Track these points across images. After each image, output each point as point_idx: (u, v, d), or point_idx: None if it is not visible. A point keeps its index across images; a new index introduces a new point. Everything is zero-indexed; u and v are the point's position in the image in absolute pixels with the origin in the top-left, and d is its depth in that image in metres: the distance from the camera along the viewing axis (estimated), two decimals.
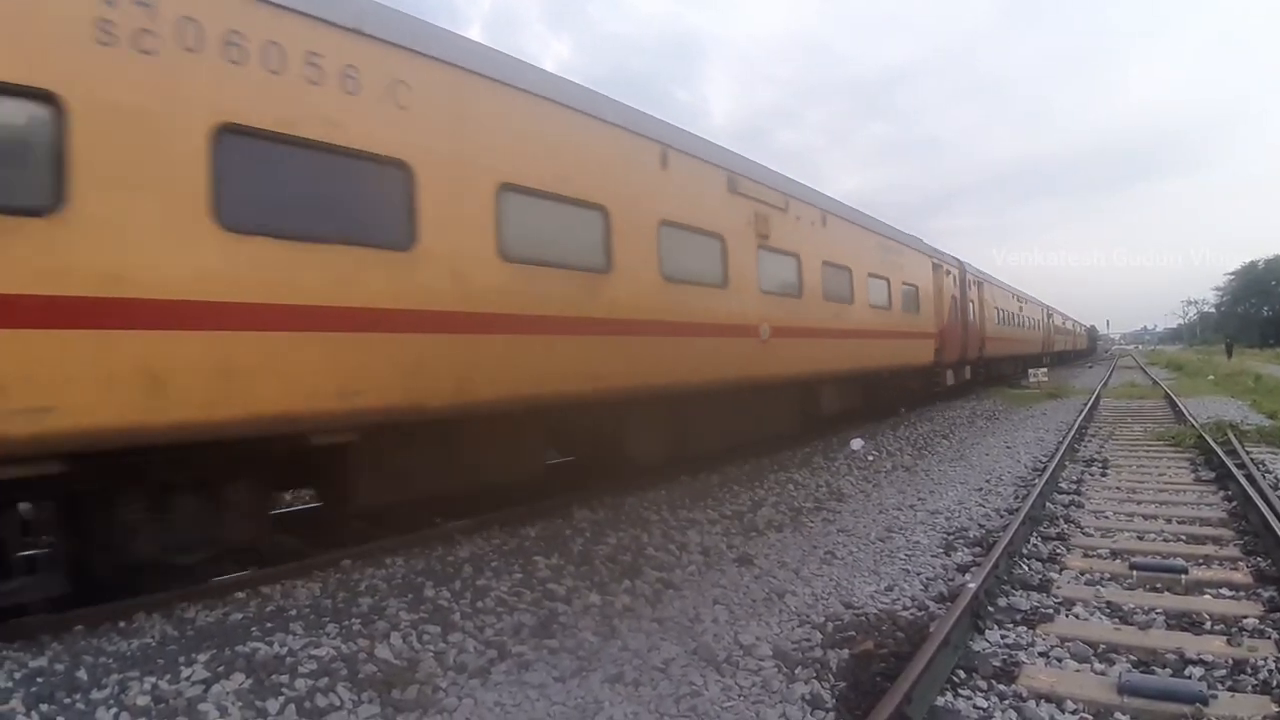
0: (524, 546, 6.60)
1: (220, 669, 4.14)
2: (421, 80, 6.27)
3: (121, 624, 4.85)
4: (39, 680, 4.03)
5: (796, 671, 4.07)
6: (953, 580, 5.56)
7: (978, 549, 6.35)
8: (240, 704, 3.79)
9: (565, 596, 5.36)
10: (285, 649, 4.40)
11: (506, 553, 6.41)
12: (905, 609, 5.01)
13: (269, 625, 4.80)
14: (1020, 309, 33.48)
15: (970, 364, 23.38)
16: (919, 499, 8.51)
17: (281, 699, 3.84)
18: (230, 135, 5.08)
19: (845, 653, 4.29)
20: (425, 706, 3.81)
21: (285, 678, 4.05)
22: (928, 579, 5.65)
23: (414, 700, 3.87)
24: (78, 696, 3.86)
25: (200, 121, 4.95)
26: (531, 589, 5.50)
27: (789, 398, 12.60)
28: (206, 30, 4.98)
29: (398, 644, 4.51)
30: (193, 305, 4.85)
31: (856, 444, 12.52)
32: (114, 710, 3.72)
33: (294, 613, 5.03)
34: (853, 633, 4.59)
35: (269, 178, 5.40)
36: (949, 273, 20.52)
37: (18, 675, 4.08)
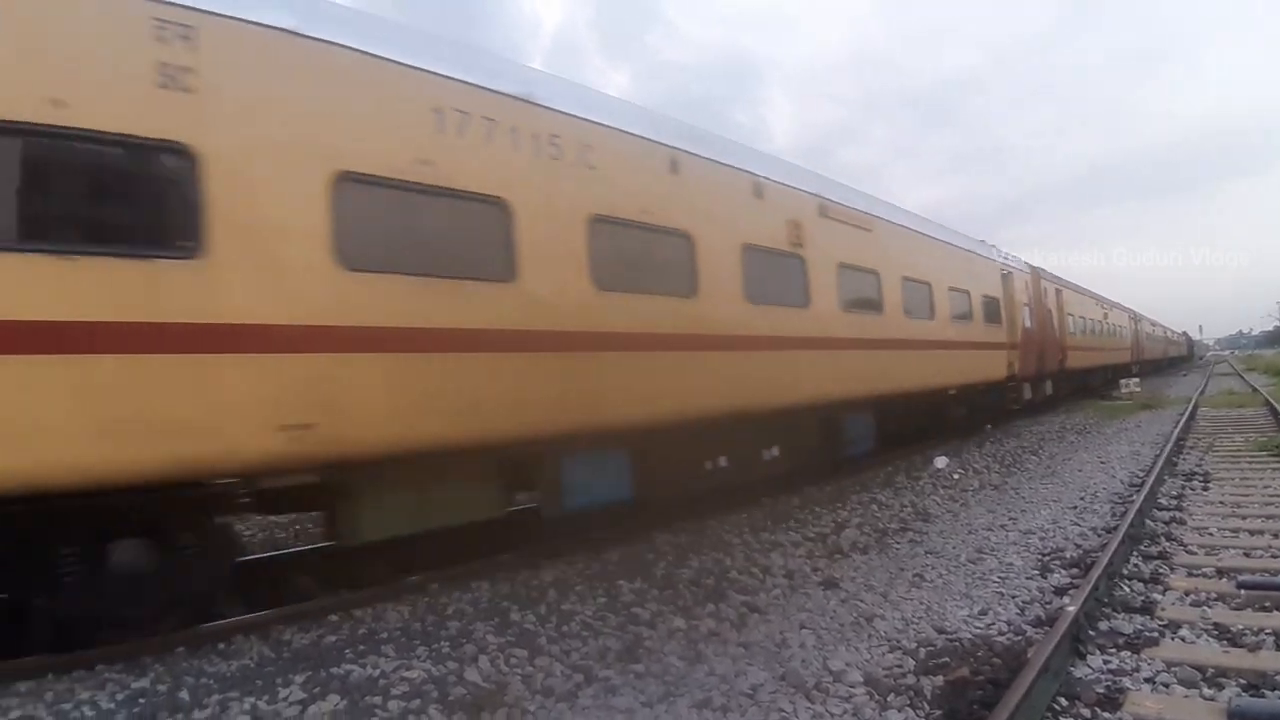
0: (607, 571, 6.62)
1: (316, 690, 4.27)
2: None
3: (221, 645, 5.04)
4: (141, 701, 4.20)
5: (889, 699, 3.96)
6: (1050, 603, 5.33)
7: (1075, 570, 6.08)
8: None
9: (650, 621, 5.35)
10: (378, 671, 4.51)
11: (590, 577, 6.44)
12: (1001, 634, 4.83)
13: (361, 648, 4.92)
14: (1153, 331, 53.49)
15: (1137, 364, 40.73)
16: (1010, 518, 8.21)
17: None
18: None
19: (939, 679, 4.14)
20: None
21: (378, 699, 4.15)
22: (1023, 602, 5.44)
23: None
24: (179, 717, 4.03)
25: None
26: (616, 613, 5.52)
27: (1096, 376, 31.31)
28: None
29: (486, 667, 4.57)
30: None
31: (940, 462, 12.19)
32: None
33: (385, 635, 5.16)
34: (946, 659, 4.44)
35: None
36: (1133, 317, 39.83)
37: (120, 696, 4.24)
